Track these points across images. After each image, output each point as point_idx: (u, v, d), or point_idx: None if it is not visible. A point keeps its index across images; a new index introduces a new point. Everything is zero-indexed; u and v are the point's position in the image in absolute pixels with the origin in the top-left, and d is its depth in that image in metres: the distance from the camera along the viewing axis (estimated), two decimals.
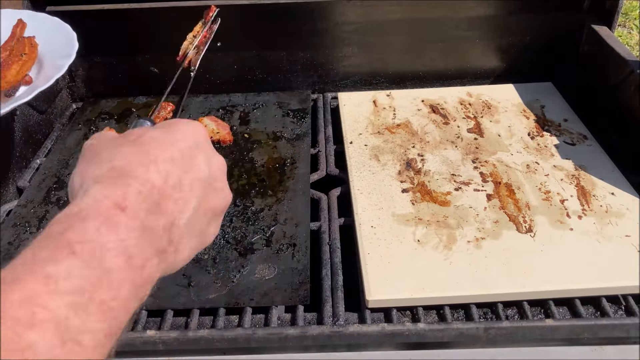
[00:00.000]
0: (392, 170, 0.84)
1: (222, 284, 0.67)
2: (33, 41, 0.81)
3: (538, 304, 0.64)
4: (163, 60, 1.08)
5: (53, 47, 0.81)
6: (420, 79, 1.11)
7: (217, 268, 0.69)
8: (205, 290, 0.66)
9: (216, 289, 0.66)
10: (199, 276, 0.68)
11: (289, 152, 0.91)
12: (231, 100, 1.06)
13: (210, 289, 0.66)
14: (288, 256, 0.71)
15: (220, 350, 0.60)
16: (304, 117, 1.00)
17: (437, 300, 0.64)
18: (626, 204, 0.75)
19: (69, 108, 1.09)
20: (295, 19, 1.02)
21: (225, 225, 0.76)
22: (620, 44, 0.96)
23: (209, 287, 0.67)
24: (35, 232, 0.74)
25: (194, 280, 0.68)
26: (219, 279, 0.68)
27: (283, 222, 0.76)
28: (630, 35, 2.25)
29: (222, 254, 0.71)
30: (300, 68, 1.08)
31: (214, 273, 0.69)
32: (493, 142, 0.90)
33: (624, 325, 0.59)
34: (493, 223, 0.73)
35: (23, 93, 0.75)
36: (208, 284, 0.67)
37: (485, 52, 1.08)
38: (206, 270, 0.69)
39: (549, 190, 0.79)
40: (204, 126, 0.56)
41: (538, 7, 1.03)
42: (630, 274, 0.64)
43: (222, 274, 0.68)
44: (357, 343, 0.60)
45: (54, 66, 0.77)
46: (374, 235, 0.72)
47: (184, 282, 0.67)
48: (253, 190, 0.83)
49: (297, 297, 0.65)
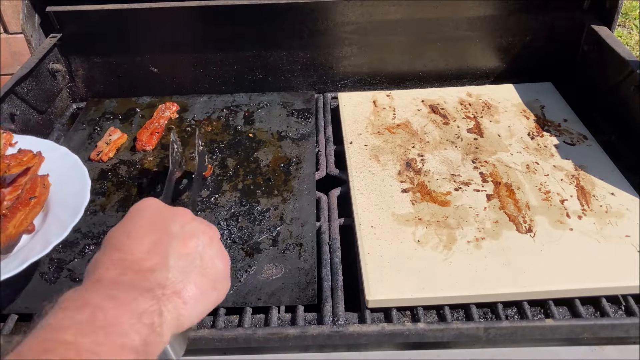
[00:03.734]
0: (392, 170, 0.84)
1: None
2: (46, 181, 0.71)
3: (538, 304, 0.64)
4: (163, 60, 1.08)
5: (63, 186, 0.72)
6: (420, 79, 1.11)
7: None
8: None
9: None
10: None
11: (294, 152, 0.91)
12: (235, 100, 1.06)
13: None
14: (295, 256, 0.71)
15: (220, 350, 0.60)
16: (309, 117, 1.00)
17: (437, 300, 0.64)
18: (626, 204, 0.75)
19: (69, 108, 1.09)
20: (295, 19, 1.02)
21: (231, 225, 0.76)
22: (620, 44, 0.96)
23: None
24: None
25: None
26: None
27: (289, 222, 0.76)
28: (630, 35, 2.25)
29: (228, 254, 0.71)
30: (300, 68, 1.08)
31: None
32: (493, 142, 0.90)
33: (624, 325, 0.59)
34: (493, 223, 0.73)
35: (27, 247, 0.64)
36: None
37: (485, 52, 1.08)
38: None
39: (548, 190, 0.79)
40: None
41: (538, 7, 1.03)
42: (630, 274, 0.64)
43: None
44: (357, 343, 0.60)
45: (65, 209, 0.68)
46: (374, 235, 0.72)
47: None
48: (259, 190, 0.83)
49: (304, 296, 0.65)
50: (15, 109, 0.90)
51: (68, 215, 0.66)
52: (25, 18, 1.00)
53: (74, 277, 0.69)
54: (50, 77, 1.03)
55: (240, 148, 0.93)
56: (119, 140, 0.94)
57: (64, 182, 0.72)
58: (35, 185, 0.69)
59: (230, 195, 0.82)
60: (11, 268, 0.59)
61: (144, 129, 0.95)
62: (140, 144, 0.93)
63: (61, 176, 0.73)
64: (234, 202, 0.81)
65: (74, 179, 0.72)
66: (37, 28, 1.04)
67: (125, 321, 0.36)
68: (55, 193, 0.71)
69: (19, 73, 0.93)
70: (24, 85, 0.93)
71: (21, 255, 0.62)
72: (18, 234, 0.65)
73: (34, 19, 1.03)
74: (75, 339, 0.34)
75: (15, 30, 1.70)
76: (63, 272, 0.69)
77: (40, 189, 0.69)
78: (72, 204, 0.68)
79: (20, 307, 0.65)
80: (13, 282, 0.68)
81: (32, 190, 0.69)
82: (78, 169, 0.74)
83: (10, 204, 0.67)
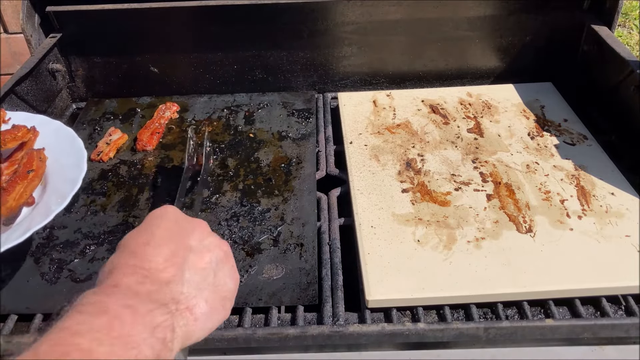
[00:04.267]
0: (392, 170, 0.84)
1: None
2: (42, 155, 0.72)
3: (538, 304, 0.64)
4: (163, 60, 1.08)
5: (59, 159, 0.73)
6: (420, 79, 1.11)
7: None
8: None
9: None
10: None
11: (294, 152, 0.91)
12: (236, 100, 1.06)
13: None
14: (295, 256, 0.71)
15: (220, 350, 0.60)
16: (309, 117, 1.00)
17: (437, 300, 0.64)
18: (626, 204, 0.75)
19: (69, 108, 1.09)
20: (295, 19, 1.02)
21: (232, 225, 0.76)
22: (620, 44, 0.96)
23: None
24: (42, 233, 0.74)
25: None
26: None
27: (290, 222, 0.76)
28: (630, 35, 2.25)
29: None
30: (300, 68, 1.08)
31: None
32: (493, 142, 0.90)
33: (624, 325, 0.59)
34: (493, 223, 0.73)
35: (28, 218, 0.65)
36: None
37: (485, 52, 1.08)
38: None
39: (549, 190, 0.79)
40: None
41: (538, 7, 1.03)
42: (630, 274, 0.64)
43: None
44: (357, 343, 0.60)
45: (63, 181, 0.69)
46: (374, 235, 0.72)
47: None
48: (259, 190, 0.83)
49: (305, 297, 0.65)
50: (15, 108, 0.90)
51: (67, 186, 0.67)
52: (25, 18, 1.00)
53: (74, 278, 0.69)
54: (50, 77, 1.03)
55: (241, 148, 0.93)
56: (120, 141, 0.94)
57: (60, 155, 0.73)
58: (31, 159, 0.70)
59: (231, 195, 0.82)
60: (14, 238, 0.60)
61: (145, 129, 0.95)
62: (140, 144, 0.93)
63: (57, 149, 0.74)
64: (235, 202, 0.81)
65: (70, 151, 0.73)
66: (37, 28, 1.04)
67: (140, 334, 0.37)
68: (52, 166, 0.72)
69: (19, 73, 0.93)
70: (24, 85, 0.93)
71: (23, 226, 0.63)
72: (18, 206, 0.66)
73: (34, 19, 1.03)
74: (91, 346, 0.34)
75: (15, 30, 1.70)
76: (63, 272, 0.69)
77: (37, 162, 0.70)
78: (69, 175, 0.69)
79: (20, 307, 0.65)
80: (13, 282, 0.68)
81: (29, 164, 0.69)
82: (73, 141, 0.75)
83: (9, 178, 0.68)
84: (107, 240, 0.74)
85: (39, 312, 0.65)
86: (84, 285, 0.67)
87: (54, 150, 0.74)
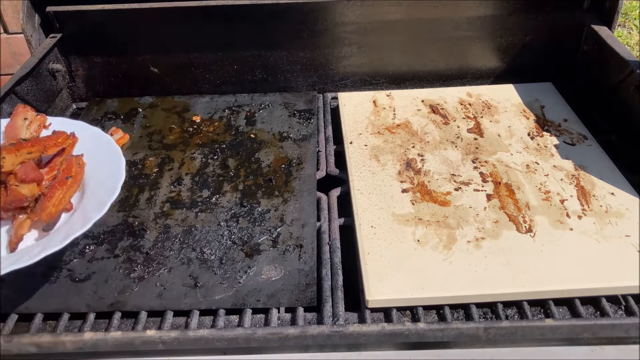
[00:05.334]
0: (392, 170, 0.84)
1: (228, 284, 0.67)
2: (81, 161, 0.73)
3: (538, 304, 0.64)
4: (163, 60, 1.08)
5: (96, 165, 0.73)
6: (420, 79, 1.11)
7: (223, 269, 0.69)
8: (212, 291, 0.66)
9: (222, 289, 0.66)
10: (205, 277, 0.68)
11: (295, 153, 0.91)
12: (237, 100, 1.06)
13: (217, 289, 0.66)
14: (294, 257, 0.71)
15: (220, 350, 0.60)
16: (310, 117, 1.00)
17: (437, 300, 0.64)
18: (626, 204, 0.75)
19: (69, 108, 1.09)
20: (295, 19, 1.02)
21: (232, 225, 0.76)
22: (620, 44, 0.96)
23: (216, 288, 0.67)
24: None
25: (201, 280, 0.68)
26: (225, 280, 0.68)
27: (289, 223, 0.76)
28: (630, 35, 2.25)
29: (228, 255, 0.71)
30: (300, 68, 1.08)
31: (221, 274, 0.69)
32: (493, 142, 0.90)
33: (624, 325, 0.59)
34: (493, 223, 0.73)
35: (67, 224, 0.65)
36: (214, 284, 0.67)
37: (485, 52, 1.08)
38: (213, 271, 0.69)
39: (548, 190, 0.79)
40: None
41: (538, 7, 1.03)
42: (630, 274, 0.64)
43: (228, 274, 0.68)
44: (357, 343, 0.60)
45: (101, 188, 0.68)
46: (374, 235, 0.72)
47: (191, 283, 0.67)
48: (259, 191, 0.83)
49: (303, 298, 0.65)
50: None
51: (105, 193, 0.67)
52: (25, 18, 1.00)
53: (73, 277, 0.69)
54: (50, 77, 1.03)
55: (242, 148, 0.93)
56: (121, 140, 0.94)
57: (98, 162, 0.73)
58: (70, 165, 0.71)
59: (231, 195, 0.82)
60: (54, 244, 0.61)
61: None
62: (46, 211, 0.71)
63: (95, 155, 0.74)
64: (235, 202, 0.81)
65: (108, 158, 0.73)
66: (37, 28, 1.04)
67: None
68: (89, 172, 0.72)
69: (19, 73, 0.93)
70: (24, 85, 0.93)
71: (63, 232, 0.63)
72: (58, 212, 0.66)
73: (34, 19, 1.03)
74: None
75: (15, 30, 1.70)
76: (63, 272, 0.69)
77: (75, 168, 0.71)
78: (108, 182, 0.69)
79: (20, 307, 0.65)
80: (13, 282, 0.68)
81: (68, 170, 0.70)
82: (111, 148, 0.74)
83: (48, 183, 0.69)
84: (106, 240, 0.74)
85: (39, 312, 0.65)
86: (83, 284, 0.68)
87: (91, 156, 0.74)
